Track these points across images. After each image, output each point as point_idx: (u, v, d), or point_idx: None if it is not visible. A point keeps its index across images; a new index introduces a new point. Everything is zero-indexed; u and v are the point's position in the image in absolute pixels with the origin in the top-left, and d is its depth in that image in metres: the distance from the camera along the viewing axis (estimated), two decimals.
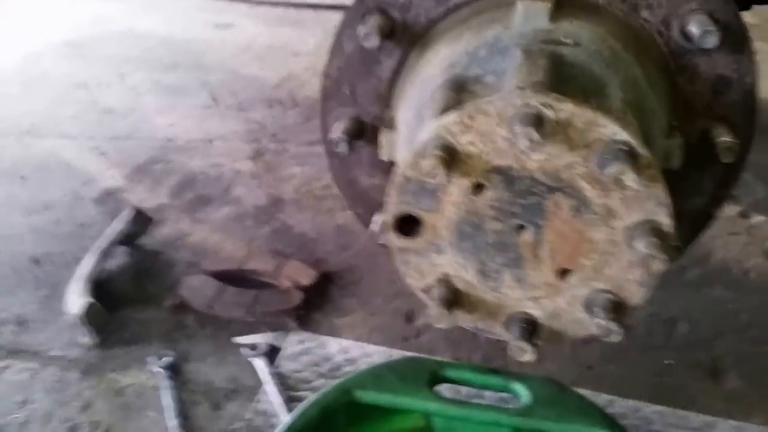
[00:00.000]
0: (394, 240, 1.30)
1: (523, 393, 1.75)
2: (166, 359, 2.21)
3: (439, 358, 2.15)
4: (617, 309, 1.26)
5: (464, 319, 1.36)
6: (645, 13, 1.44)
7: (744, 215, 2.86)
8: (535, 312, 1.33)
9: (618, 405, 2.12)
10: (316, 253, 2.69)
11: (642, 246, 1.19)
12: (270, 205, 2.95)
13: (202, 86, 3.82)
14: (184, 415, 2.07)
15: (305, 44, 4.17)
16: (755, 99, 1.49)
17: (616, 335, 1.23)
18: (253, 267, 2.59)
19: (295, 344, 2.31)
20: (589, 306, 1.29)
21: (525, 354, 1.28)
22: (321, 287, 2.52)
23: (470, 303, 1.34)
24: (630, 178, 1.14)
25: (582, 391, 1.84)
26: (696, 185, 1.55)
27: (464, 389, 1.93)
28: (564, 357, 2.26)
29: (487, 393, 1.98)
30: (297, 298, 2.43)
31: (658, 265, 1.20)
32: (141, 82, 3.89)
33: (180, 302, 2.42)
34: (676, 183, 1.49)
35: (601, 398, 2.10)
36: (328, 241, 2.76)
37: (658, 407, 2.12)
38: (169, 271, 2.59)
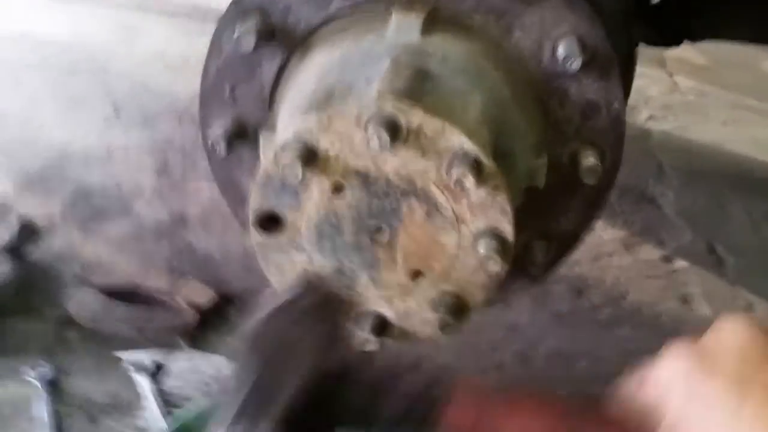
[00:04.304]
0: (256, 236, 1.54)
1: None
2: (43, 370, 2.37)
3: None
4: (459, 309, 1.51)
5: None
6: (519, 35, 1.64)
7: (667, 260, 3.08)
8: (387, 312, 1.57)
9: None
10: (219, 275, 2.85)
11: (481, 248, 1.44)
12: (172, 223, 3.12)
13: (106, 96, 3.93)
14: (58, 427, 2.24)
15: None
16: (622, 124, 1.71)
17: (452, 329, 1.49)
18: (147, 284, 2.76)
19: (183, 362, 2.49)
20: (435, 306, 1.53)
21: (370, 345, 1.52)
22: (220, 308, 2.69)
23: None
24: (470, 182, 1.39)
25: None
26: (566, 206, 1.78)
27: None
28: None
29: None
30: (190, 317, 2.61)
31: (494, 267, 1.45)
32: (38, 87, 3.99)
33: (65, 316, 2.59)
34: (547, 203, 1.76)
35: None
36: (233, 262, 2.91)
37: None
38: (55, 285, 2.75)
